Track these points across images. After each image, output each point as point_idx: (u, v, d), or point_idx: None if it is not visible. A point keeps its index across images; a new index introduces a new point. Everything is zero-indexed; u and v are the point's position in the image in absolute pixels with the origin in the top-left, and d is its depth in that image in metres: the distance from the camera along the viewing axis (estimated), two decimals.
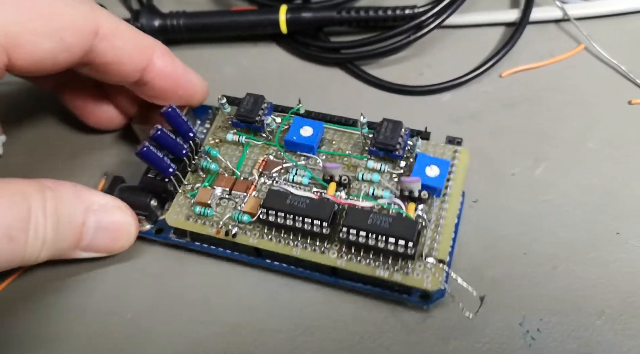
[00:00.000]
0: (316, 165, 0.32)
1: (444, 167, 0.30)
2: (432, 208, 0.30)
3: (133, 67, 0.30)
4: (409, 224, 0.27)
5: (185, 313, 0.30)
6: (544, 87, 0.37)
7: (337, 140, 0.33)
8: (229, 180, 0.31)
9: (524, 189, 0.33)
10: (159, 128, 0.30)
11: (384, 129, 0.31)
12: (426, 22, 0.38)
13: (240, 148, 0.33)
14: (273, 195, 0.29)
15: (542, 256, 0.31)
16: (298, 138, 0.31)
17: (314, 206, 0.28)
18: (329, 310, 0.30)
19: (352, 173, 0.31)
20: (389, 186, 0.30)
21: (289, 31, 0.40)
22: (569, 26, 0.39)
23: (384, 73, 0.39)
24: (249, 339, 0.29)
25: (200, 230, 0.31)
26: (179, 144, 0.31)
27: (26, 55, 0.26)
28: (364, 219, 0.27)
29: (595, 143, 0.34)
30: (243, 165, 0.32)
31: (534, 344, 0.28)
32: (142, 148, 0.29)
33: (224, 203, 0.31)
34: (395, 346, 0.29)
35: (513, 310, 0.29)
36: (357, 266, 0.28)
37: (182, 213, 0.31)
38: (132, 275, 0.32)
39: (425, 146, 0.32)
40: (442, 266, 0.28)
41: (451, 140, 0.32)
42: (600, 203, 0.32)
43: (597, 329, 0.28)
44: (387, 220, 0.27)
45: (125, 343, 0.30)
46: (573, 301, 0.29)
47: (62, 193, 0.27)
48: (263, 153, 0.33)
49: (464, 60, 0.39)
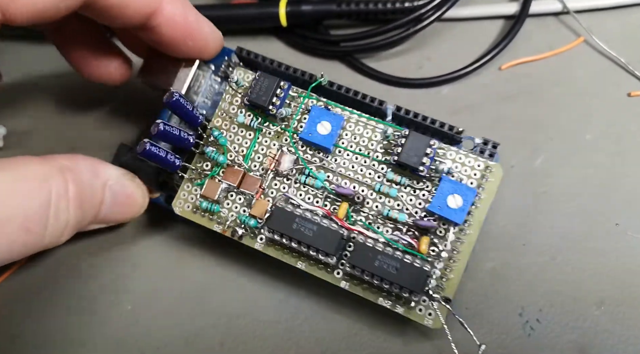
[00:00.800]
0: (330, 165, 0.30)
1: (468, 198, 0.27)
2: (448, 235, 0.28)
3: (137, 10, 0.28)
4: (417, 274, 0.26)
5: (182, 305, 0.30)
6: (543, 80, 0.37)
7: (359, 133, 0.30)
8: (237, 173, 0.30)
9: (523, 181, 0.33)
10: (159, 123, 0.28)
11: (409, 145, 0.28)
12: (426, 15, 0.38)
13: (250, 131, 0.31)
14: (279, 216, 0.28)
15: (541, 247, 0.31)
16: (314, 136, 0.29)
17: (320, 236, 0.27)
18: (328, 302, 0.30)
19: (369, 180, 0.29)
20: (406, 204, 0.28)
21: (289, 24, 0.40)
22: (569, 19, 0.39)
23: (384, 66, 0.39)
24: (245, 329, 0.29)
25: (207, 224, 0.30)
26: (184, 138, 0.29)
27: (24, 8, 0.24)
28: (371, 260, 0.26)
29: (593, 135, 0.34)
30: (253, 153, 0.31)
31: (534, 334, 0.28)
32: (144, 149, 0.28)
33: (231, 198, 0.30)
34: (392, 338, 0.29)
35: (512, 301, 0.29)
36: (361, 291, 0.28)
37: (189, 202, 0.31)
38: (132, 267, 0.32)
39: (454, 156, 0.28)
40: (447, 306, 0.27)
41: (486, 142, 0.29)
42: (599, 194, 0.32)
43: (596, 319, 0.29)
44: (395, 265, 0.26)
45: (124, 333, 0.30)
46: (572, 291, 0.29)
47: (81, 172, 0.27)
48: (275, 141, 0.31)
49: (464, 53, 0.39)
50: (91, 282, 0.32)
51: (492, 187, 0.28)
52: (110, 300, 0.31)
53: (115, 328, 0.30)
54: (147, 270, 0.32)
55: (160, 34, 0.29)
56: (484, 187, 0.28)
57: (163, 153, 0.28)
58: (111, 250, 0.32)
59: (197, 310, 0.30)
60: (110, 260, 0.32)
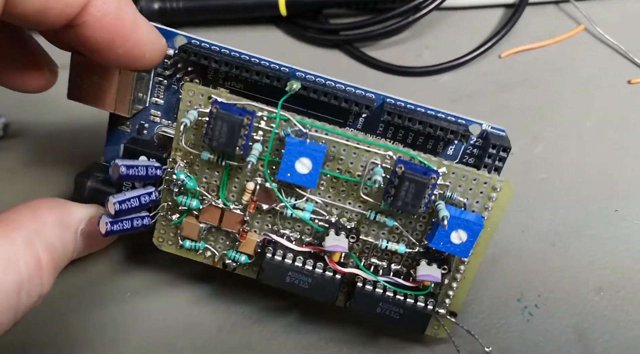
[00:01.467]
0: (315, 198, 0.26)
1: (473, 233, 0.24)
2: (452, 260, 0.25)
3: (60, 13, 0.22)
4: (421, 317, 0.25)
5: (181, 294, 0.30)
6: (543, 68, 0.37)
7: (345, 156, 0.24)
8: (215, 212, 0.26)
9: (523, 168, 0.33)
10: (120, 165, 0.24)
11: (404, 192, 0.23)
12: (425, 4, 0.38)
13: (219, 168, 0.26)
14: (270, 270, 0.26)
15: (540, 234, 0.31)
16: (293, 176, 0.24)
17: (317, 286, 0.25)
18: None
19: (362, 210, 0.25)
20: (406, 233, 0.25)
21: (288, 14, 0.40)
22: (569, 7, 0.39)
23: (383, 55, 0.39)
24: (242, 318, 0.29)
25: (195, 257, 0.28)
26: (150, 176, 0.25)
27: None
28: (373, 306, 0.25)
29: (593, 122, 0.34)
30: (227, 191, 0.26)
31: (532, 320, 0.28)
32: (106, 231, 0.24)
33: (214, 236, 0.27)
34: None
35: (511, 287, 0.30)
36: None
37: (170, 238, 0.28)
38: (130, 258, 0.32)
39: (458, 174, 0.24)
40: (452, 319, 0.26)
41: (494, 145, 0.25)
42: (599, 181, 0.32)
43: (595, 305, 0.29)
44: (398, 310, 0.25)
45: (122, 320, 0.30)
46: (571, 277, 0.30)
47: (49, 232, 0.23)
48: (250, 178, 0.26)
49: (463, 42, 0.38)
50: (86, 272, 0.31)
51: (499, 206, 0.25)
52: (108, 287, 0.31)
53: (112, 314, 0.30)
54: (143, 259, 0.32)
55: (86, 35, 0.23)
56: (491, 207, 0.25)
57: (128, 225, 0.25)
58: None
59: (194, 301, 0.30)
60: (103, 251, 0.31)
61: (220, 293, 0.31)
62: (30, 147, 0.38)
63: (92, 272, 0.32)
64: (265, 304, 0.30)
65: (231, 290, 0.31)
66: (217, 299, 0.30)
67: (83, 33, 0.23)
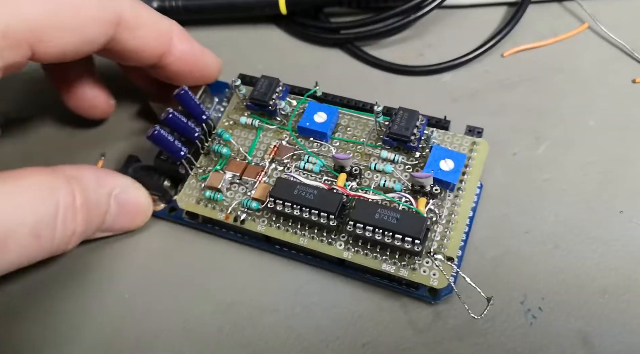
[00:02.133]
0: (329, 152, 0.31)
1: (459, 161, 0.29)
2: (445, 202, 0.29)
3: (152, 53, 0.30)
4: (416, 221, 0.27)
5: (181, 291, 0.30)
6: (546, 67, 0.37)
7: (353, 126, 0.32)
8: (240, 165, 0.31)
9: (525, 168, 0.33)
10: (170, 111, 0.30)
11: (399, 119, 0.30)
12: (426, 2, 0.37)
13: (253, 131, 0.33)
14: (281, 184, 0.29)
15: (543, 235, 0.30)
16: (311, 124, 0.31)
17: (322, 198, 0.28)
18: (327, 290, 0.30)
19: (365, 162, 0.30)
20: (402, 177, 0.30)
21: (289, 12, 0.40)
22: (573, 5, 0.38)
23: (384, 54, 0.39)
24: (243, 317, 0.29)
25: (210, 214, 0.31)
26: (190, 127, 0.31)
27: (50, 49, 0.26)
28: (371, 214, 0.27)
29: (597, 122, 0.34)
30: (255, 149, 0.32)
31: (535, 323, 0.28)
32: (153, 132, 0.29)
33: (234, 188, 0.31)
34: (392, 324, 0.28)
35: (514, 289, 0.29)
36: (363, 259, 0.28)
37: (193, 196, 0.31)
38: (131, 253, 0.32)
39: (443, 137, 0.31)
40: (450, 263, 0.27)
41: (471, 129, 0.31)
42: (603, 181, 0.32)
43: (600, 308, 0.28)
44: (395, 215, 0.27)
45: (121, 321, 0.29)
46: (575, 279, 0.29)
47: (87, 181, 0.27)
48: (276, 138, 0.32)
49: (465, 41, 0.38)
50: (87, 271, 0.31)
51: (480, 159, 0.30)
52: (107, 288, 0.31)
53: (111, 315, 0.30)
54: (144, 256, 0.32)
55: (171, 71, 0.31)
56: (473, 158, 0.30)
57: (171, 138, 0.30)
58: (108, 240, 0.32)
59: (195, 297, 0.30)
60: (107, 248, 0.32)
61: (221, 293, 0.30)
62: (31, 147, 0.37)
63: (91, 273, 0.32)
64: (264, 304, 0.30)
65: (231, 290, 0.30)
66: (217, 300, 0.30)
67: (170, 69, 0.31)
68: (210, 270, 0.31)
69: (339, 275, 0.30)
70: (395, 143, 0.30)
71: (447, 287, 0.28)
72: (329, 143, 0.31)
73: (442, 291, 0.28)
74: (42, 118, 0.39)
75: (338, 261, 0.29)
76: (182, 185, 0.32)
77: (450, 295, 0.28)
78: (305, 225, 0.29)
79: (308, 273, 0.30)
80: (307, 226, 0.29)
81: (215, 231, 0.32)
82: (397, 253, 0.28)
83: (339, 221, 0.28)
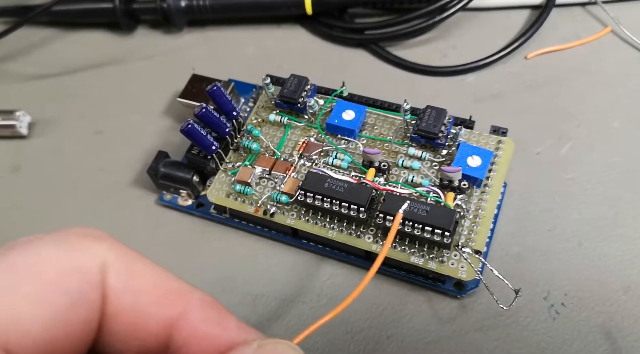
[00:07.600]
0: (356, 149, 0.32)
1: (486, 158, 0.29)
2: (472, 198, 0.29)
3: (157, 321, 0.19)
4: (446, 213, 0.27)
5: (208, 283, 0.31)
6: (569, 69, 0.37)
7: (379, 125, 0.32)
8: (270, 160, 0.32)
9: (549, 167, 0.33)
10: (204, 106, 0.30)
11: (427, 116, 0.30)
12: (451, 4, 0.38)
13: (282, 129, 0.33)
14: (312, 178, 0.29)
15: (566, 233, 0.31)
16: (340, 121, 0.32)
17: (352, 191, 0.28)
18: (353, 283, 0.30)
19: (393, 159, 0.31)
20: (429, 174, 0.30)
21: (314, 12, 0.41)
22: (596, 9, 0.39)
23: (408, 55, 0.39)
24: (270, 309, 0.30)
25: (240, 207, 0.31)
26: (222, 123, 0.31)
27: None
28: (401, 206, 0.27)
29: (621, 123, 0.34)
30: (284, 146, 0.33)
31: (559, 318, 0.28)
32: (187, 125, 0.30)
33: (263, 183, 0.32)
34: (417, 317, 0.29)
35: (538, 285, 0.29)
36: (391, 252, 0.29)
37: (223, 190, 0.32)
38: (157, 244, 0.32)
39: (469, 135, 0.31)
40: (478, 256, 0.28)
41: (496, 129, 0.32)
42: (626, 181, 0.32)
43: (622, 305, 0.28)
44: (425, 208, 0.27)
45: None
46: (598, 276, 0.29)
47: None
48: (304, 135, 0.33)
49: (488, 43, 0.39)
50: None
51: (506, 156, 0.30)
52: None
53: None
54: (171, 250, 0.32)
55: None
56: (499, 156, 0.30)
57: (204, 133, 0.30)
58: (132, 226, 0.32)
59: (222, 289, 0.30)
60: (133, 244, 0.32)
61: (247, 286, 0.31)
62: (57, 147, 0.38)
63: None
64: (290, 297, 0.30)
65: (257, 283, 0.31)
66: (243, 292, 0.30)
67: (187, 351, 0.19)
68: (236, 263, 0.32)
69: (364, 269, 0.31)
70: (422, 140, 0.31)
71: (473, 280, 0.28)
72: (356, 140, 0.32)
73: (468, 284, 0.29)
74: (70, 117, 0.39)
75: (364, 255, 0.30)
76: (211, 181, 0.33)
77: (475, 289, 0.29)
78: (334, 218, 0.30)
79: (334, 266, 0.31)
80: (336, 220, 0.30)
81: (242, 226, 0.33)
82: (425, 245, 0.28)
83: (368, 214, 0.29)
